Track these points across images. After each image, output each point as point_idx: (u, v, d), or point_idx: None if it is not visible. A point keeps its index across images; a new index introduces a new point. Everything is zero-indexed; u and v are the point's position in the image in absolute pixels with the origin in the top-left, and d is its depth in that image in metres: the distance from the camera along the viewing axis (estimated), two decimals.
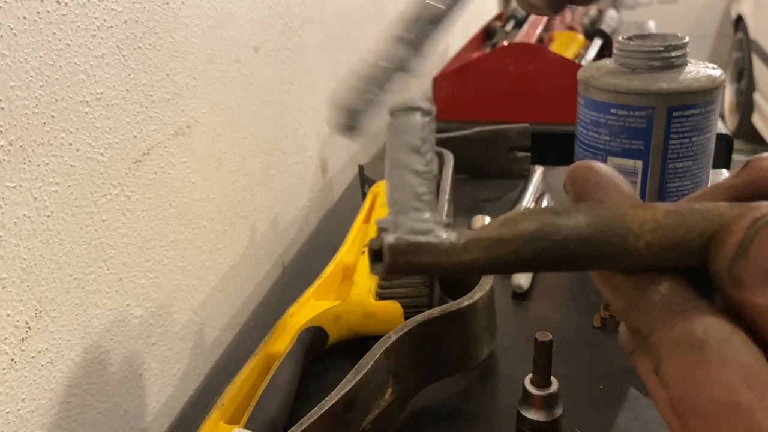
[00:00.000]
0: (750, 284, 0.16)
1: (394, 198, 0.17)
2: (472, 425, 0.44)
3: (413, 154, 0.17)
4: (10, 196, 0.37)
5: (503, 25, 1.31)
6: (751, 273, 0.16)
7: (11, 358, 0.38)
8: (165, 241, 0.52)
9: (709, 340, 0.16)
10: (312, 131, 0.81)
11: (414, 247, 0.16)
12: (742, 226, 0.16)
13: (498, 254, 0.17)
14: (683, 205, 0.18)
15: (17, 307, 0.38)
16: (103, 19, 0.44)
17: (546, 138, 0.83)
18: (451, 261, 0.17)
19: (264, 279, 0.70)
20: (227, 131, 0.61)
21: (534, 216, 0.17)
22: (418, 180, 0.17)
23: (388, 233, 0.16)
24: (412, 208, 0.17)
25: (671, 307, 0.17)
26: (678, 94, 0.57)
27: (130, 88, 0.47)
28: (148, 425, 0.51)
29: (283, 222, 0.75)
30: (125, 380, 0.48)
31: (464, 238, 0.17)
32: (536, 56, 0.96)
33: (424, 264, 0.17)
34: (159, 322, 0.51)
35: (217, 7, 0.58)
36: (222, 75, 0.60)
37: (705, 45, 3.66)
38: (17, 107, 0.37)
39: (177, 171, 0.53)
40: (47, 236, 0.40)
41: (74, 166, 0.42)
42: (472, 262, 0.17)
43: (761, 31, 2.84)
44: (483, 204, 0.74)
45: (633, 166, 0.61)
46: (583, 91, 0.63)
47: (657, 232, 0.17)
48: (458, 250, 0.17)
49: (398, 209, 0.17)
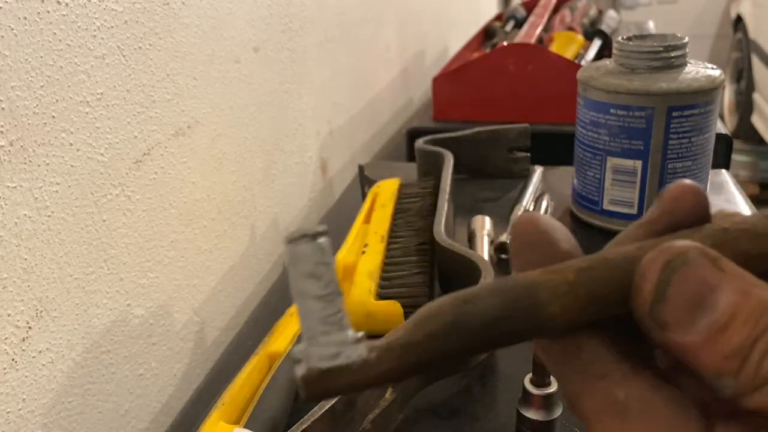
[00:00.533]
0: (674, 326, 0.16)
1: (302, 327, 0.17)
2: (472, 425, 0.44)
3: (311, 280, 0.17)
4: (10, 196, 0.37)
5: (503, 25, 1.32)
6: (673, 314, 0.16)
7: (12, 358, 0.38)
8: (165, 241, 0.52)
9: (631, 405, 0.16)
10: (312, 131, 0.81)
11: (325, 374, 0.16)
12: (656, 270, 0.16)
13: (412, 360, 0.17)
14: (597, 259, 0.18)
15: (18, 307, 0.38)
16: (104, 19, 0.44)
17: (546, 138, 0.83)
18: (368, 376, 0.17)
19: (264, 279, 0.70)
20: (227, 131, 0.61)
21: (444, 309, 0.17)
22: (320, 304, 0.17)
23: (300, 364, 0.17)
24: (320, 333, 0.17)
25: (594, 371, 0.17)
26: (677, 95, 0.57)
27: (130, 89, 0.47)
28: (148, 425, 0.51)
29: (283, 222, 0.75)
30: (126, 380, 0.48)
31: (376, 351, 0.17)
32: (536, 56, 0.96)
33: (342, 385, 0.17)
34: (159, 322, 0.51)
35: (218, 7, 0.59)
36: (222, 75, 0.60)
37: (704, 45, 3.66)
38: (18, 107, 0.37)
39: (177, 171, 0.53)
40: (48, 236, 0.40)
41: (75, 167, 0.42)
42: (388, 372, 0.17)
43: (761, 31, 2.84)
44: (483, 204, 0.74)
45: (632, 166, 0.61)
46: (582, 92, 0.63)
47: (570, 295, 0.17)
48: (372, 365, 0.17)
49: (308, 337, 0.17)
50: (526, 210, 0.63)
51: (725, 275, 0.16)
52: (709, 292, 0.16)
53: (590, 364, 0.17)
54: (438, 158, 0.70)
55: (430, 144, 0.74)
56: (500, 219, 0.65)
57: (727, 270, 0.16)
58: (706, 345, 0.16)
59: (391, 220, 0.59)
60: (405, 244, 0.56)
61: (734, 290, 0.16)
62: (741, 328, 0.15)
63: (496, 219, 0.64)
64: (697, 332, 0.16)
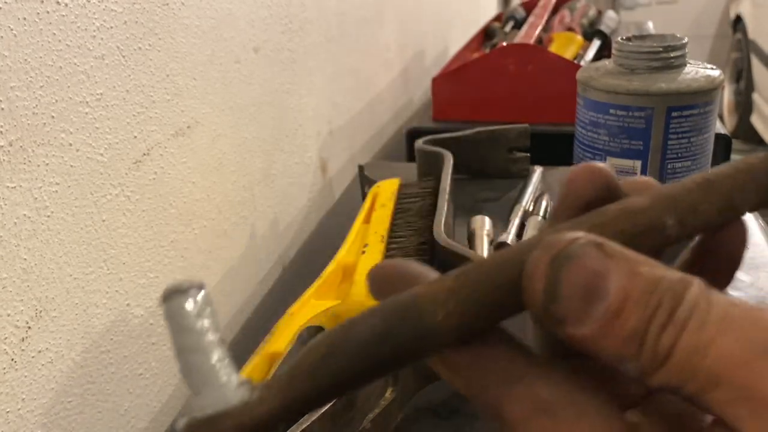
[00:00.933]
0: (570, 320, 0.16)
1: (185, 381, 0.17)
2: (472, 424, 0.44)
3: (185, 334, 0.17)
4: (10, 197, 0.37)
5: (503, 25, 1.32)
6: (567, 310, 0.16)
7: (11, 358, 0.38)
8: (165, 241, 0.52)
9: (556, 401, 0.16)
10: (312, 131, 0.81)
11: (207, 422, 0.16)
12: (543, 269, 0.16)
13: (294, 394, 0.16)
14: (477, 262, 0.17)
15: (17, 307, 0.38)
16: (103, 19, 0.44)
17: (545, 138, 0.83)
18: (252, 416, 0.16)
19: (264, 279, 0.70)
20: (227, 131, 0.61)
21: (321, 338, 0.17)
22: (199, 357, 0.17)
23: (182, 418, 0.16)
24: (202, 384, 0.17)
25: (510, 377, 0.17)
26: (677, 95, 0.57)
27: (130, 89, 0.47)
28: (148, 425, 0.51)
29: (283, 222, 0.75)
30: (125, 380, 0.48)
31: (258, 391, 0.17)
32: (535, 57, 0.96)
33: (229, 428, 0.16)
34: (159, 322, 0.52)
35: (217, 8, 0.59)
36: (222, 75, 0.60)
37: (704, 45, 3.67)
38: (17, 108, 0.37)
39: (177, 171, 0.53)
40: (47, 236, 0.40)
41: (74, 167, 0.42)
42: (272, 411, 0.16)
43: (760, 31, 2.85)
44: (483, 204, 0.74)
45: (632, 167, 0.61)
46: (582, 92, 0.63)
47: (451, 300, 0.16)
48: (254, 405, 0.16)
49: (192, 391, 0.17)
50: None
51: (611, 260, 0.16)
52: (600, 280, 0.16)
53: (504, 370, 0.17)
54: (438, 158, 0.70)
55: (430, 144, 0.74)
56: (500, 219, 0.65)
57: (613, 254, 0.16)
58: (604, 333, 0.16)
59: (391, 220, 0.59)
60: (405, 244, 0.56)
61: (622, 273, 0.15)
62: (634, 311, 0.15)
63: (496, 219, 0.64)
64: (593, 322, 0.16)
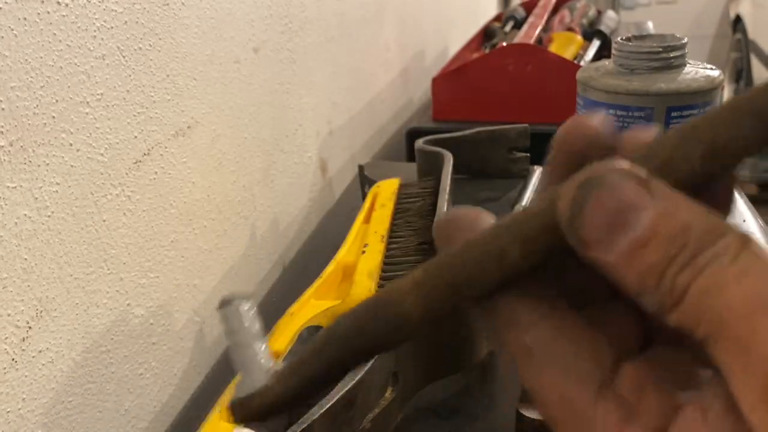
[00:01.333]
0: (594, 244, 0.16)
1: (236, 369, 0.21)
2: (472, 424, 0.44)
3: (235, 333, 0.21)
4: (10, 197, 0.37)
5: (502, 25, 1.31)
6: (590, 233, 0.16)
7: (12, 358, 0.38)
8: (165, 241, 0.52)
9: (534, 347, 0.18)
10: (312, 131, 0.81)
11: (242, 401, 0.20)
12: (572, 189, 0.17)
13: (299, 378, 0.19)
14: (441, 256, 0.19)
15: (18, 307, 0.38)
16: (104, 20, 0.44)
17: (545, 138, 0.82)
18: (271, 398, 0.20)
19: (264, 279, 0.70)
20: (227, 131, 0.61)
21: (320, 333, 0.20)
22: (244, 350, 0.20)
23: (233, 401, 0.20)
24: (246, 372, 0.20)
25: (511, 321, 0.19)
26: (677, 95, 0.57)
27: (130, 89, 0.47)
28: (148, 425, 0.51)
29: (283, 222, 0.75)
30: (126, 379, 0.48)
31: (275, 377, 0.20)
32: (535, 57, 0.96)
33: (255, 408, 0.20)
34: (159, 322, 0.52)
35: (217, 8, 0.59)
36: (222, 75, 0.60)
37: (704, 45, 3.67)
38: (18, 108, 0.37)
39: (177, 171, 0.53)
40: (48, 236, 0.40)
41: (75, 167, 0.42)
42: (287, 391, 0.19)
43: (760, 31, 2.85)
44: (483, 204, 0.74)
45: None
46: (582, 92, 0.63)
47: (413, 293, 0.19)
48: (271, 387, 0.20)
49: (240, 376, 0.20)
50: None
51: (649, 196, 0.16)
52: (632, 211, 0.16)
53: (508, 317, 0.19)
54: (438, 158, 0.70)
55: (430, 144, 0.74)
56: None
57: (654, 191, 0.16)
58: (626, 263, 0.16)
59: (391, 220, 0.59)
60: (405, 244, 0.56)
61: (657, 210, 0.16)
62: (659, 247, 0.16)
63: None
64: (617, 250, 0.16)
